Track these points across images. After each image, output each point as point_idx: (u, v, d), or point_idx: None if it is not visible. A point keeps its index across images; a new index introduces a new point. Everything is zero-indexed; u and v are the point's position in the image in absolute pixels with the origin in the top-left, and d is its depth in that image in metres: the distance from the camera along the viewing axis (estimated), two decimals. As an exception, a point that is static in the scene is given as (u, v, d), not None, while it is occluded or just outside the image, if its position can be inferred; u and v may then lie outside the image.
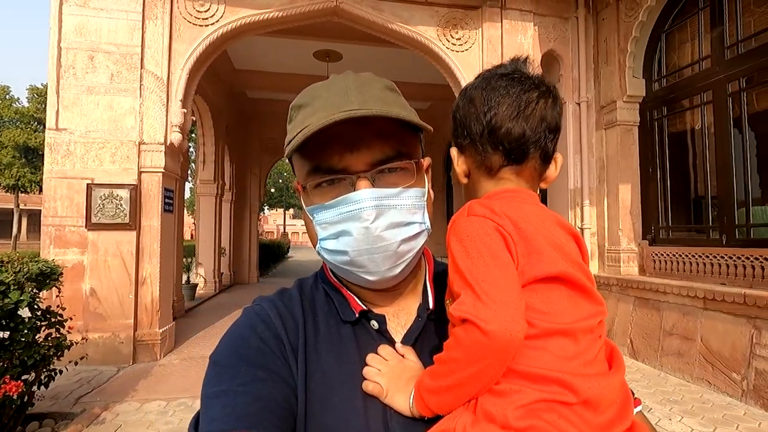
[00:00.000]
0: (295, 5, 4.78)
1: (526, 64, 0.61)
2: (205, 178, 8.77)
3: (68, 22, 4.25)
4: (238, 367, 0.53)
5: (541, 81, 0.60)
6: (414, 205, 0.57)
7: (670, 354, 4.08)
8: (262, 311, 0.61)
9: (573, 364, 0.49)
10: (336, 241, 0.57)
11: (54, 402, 3.25)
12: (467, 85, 0.64)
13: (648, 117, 4.99)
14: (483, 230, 0.52)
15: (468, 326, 0.48)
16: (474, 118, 0.59)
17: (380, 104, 0.55)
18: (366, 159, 0.55)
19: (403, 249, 0.56)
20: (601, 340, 0.54)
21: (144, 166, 4.33)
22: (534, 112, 0.57)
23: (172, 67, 4.48)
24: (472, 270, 0.50)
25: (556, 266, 0.51)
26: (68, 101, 4.21)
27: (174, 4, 4.50)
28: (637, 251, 5.00)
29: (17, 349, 2.48)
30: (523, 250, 0.51)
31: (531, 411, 0.47)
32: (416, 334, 0.61)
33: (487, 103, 0.58)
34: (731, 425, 2.98)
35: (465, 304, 0.49)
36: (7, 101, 25.17)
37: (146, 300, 4.30)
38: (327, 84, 0.59)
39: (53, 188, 4.15)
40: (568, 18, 5.43)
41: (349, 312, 0.61)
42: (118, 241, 4.22)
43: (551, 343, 0.50)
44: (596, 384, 0.48)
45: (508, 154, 0.58)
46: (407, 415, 0.54)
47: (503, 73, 0.60)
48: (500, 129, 0.57)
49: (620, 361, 0.54)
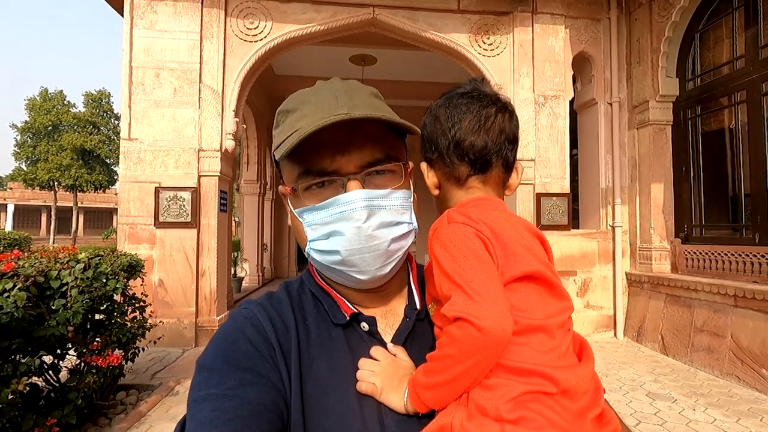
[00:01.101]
0: (336, 18, 5.13)
1: (484, 84, 0.67)
2: (248, 178, 9.36)
3: (137, 44, 4.79)
4: (226, 371, 0.54)
5: (497, 98, 0.66)
6: (402, 206, 0.60)
7: (701, 350, 4.17)
8: (251, 315, 0.61)
9: (550, 357, 0.53)
10: (327, 242, 0.58)
11: (135, 376, 3.78)
12: (431, 104, 0.69)
13: (681, 116, 5.02)
14: (465, 235, 0.56)
15: (462, 324, 0.51)
16: (440, 133, 0.64)
17: (369, 109, 0.56)
18: (356, 161, 0.57)
19: (393, 248, 0.58)
20: (570, 333, 0.57)
21: (203, 171, 4.83)
22: (493, 125, 0.63)
23: (226, 81, 4.95)
24: (459, 272, 0.53)
25: (530, 265, 0.55)
26: (138, 114, 4.76)
27: (227, 24, 4.96)
28: (669, 249, 5.05)
29: (114, 328, 2.97)
30: (501, 253, 0.55)
31: (519, 403, 0.50)
32: (405, 334, 0.62)
33: (451, 119, 0.63)
34: (756, 417, 3.10)
35: (457, 303, 0.52)
36: (65, 106, 27.16)
37: (206, 290, 4.82)
38: (314, 90, 0.61)
39: (127, 191, 4.72)
40: (599, 19, 5.50)
41: (340, 315, 0.62)
42: (182, 237, 4.75)
43: (531, 339, 0.53)
44: (572, 374, 0.52)
45: (473, 165, 0.63)
46: (402, 412, 0.56)
47: (463, 92, 0.65)
48: (464, 142, 0.62)
49: (590, 352, 0.59)
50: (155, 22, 4.82)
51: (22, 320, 2.23)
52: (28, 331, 2.34)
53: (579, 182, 5.94)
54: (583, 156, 5.88)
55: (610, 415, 0.57)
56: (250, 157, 9.27)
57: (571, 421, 0.50)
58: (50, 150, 25.63)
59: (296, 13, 5.06)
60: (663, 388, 3.67)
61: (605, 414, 0.56)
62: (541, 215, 5.16)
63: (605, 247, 5.39)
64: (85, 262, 2.75)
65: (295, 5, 5.06)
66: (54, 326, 2.44)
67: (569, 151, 5.37)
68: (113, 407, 3.13)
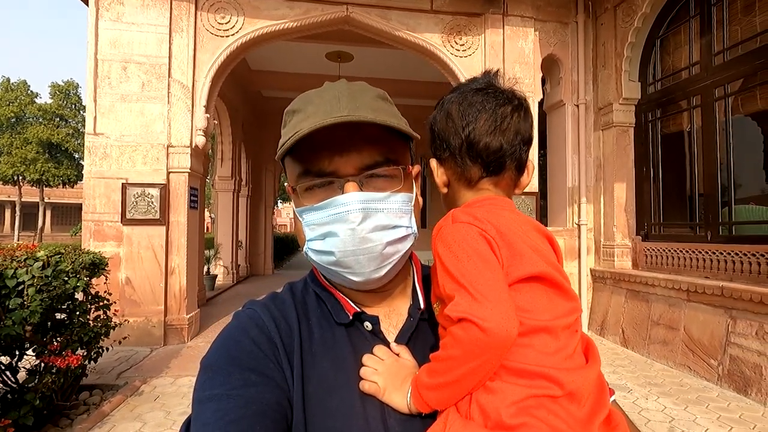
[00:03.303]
0: (309, 16, 5.12)
1: (498, 78, 0.64)
2: (223, 174, 9.23)
3: (103, 36, 4.66)
4: (230, 371, 0.54)
5: (513, 95, 0.63)
6: (400, 210, 0.59)
7: (657, 342, 4.38)
8: (255, 315, 0.61)
9: (555, 359, 0.51)
10: (323, 242, 0.58)
11: (99, 376, 3.71)
12: (443, 98, 0.66)
13: (643, 119, 5.23)
14: (469, 235, 0.54)
15: (466, 325, 0.50)
16: (453, 132, 0.61)
17: (371, 112, 0.56)
18: (355, 163, 0.57)
19: (388, 251, 0.58)
20: (577, 335, 0.56)
21: (172, 167, 4.75)
22: (509, 125, 0.60)
23: (197, 76, 4.88)
24: (463, 272, 0.52)
25: (537, 266, 0.54)
26: (104, 108, 4.64)
27: (198, 18, 4.88)
28: (630, 246, 5.27)
29: (75, 327, 2.92)
30: (506, 253, 0.54)
31: (523, 409, 0.48)
32: (409, 334, 0.62)
33: (465, 118, 0.61)
34: (702, 405, 3.29)
35: (461, 304, 0.51)
36: (29, 96, 26.05)
37: (175, 288, 4.75)
38: (320, 91, 0.60)
39: (92, 187, 4.60)
40: (568, 23, 5.66)
41: (343, 314, 0.62)
42: (150, 235, 4.66)
43: (536, 340, 0.52)
44: (578, 377, 0.51)
45: (486, 167, 0.61)
46: (405, 412, 0.56)
47: (478, 88, 0.62)
48: (479, 143, 0.60)
49: (596, 354, 0.57)
50: (122, 14, 4.70)
51: (-26, 320, 2.17)
52: (-19, 331, 2.28)
53: (547, 181, 6.12)
54: (551, 155, 6.06)
55: (618, 419, 0.55)
56: (224, 153, 9.13)
57: (576, 428, 0.48)
58: (14, 143, 24.58)
59: (269, 8, 5.02)
60: (620, 379, 3.85)
61: (612, 417, 0.54)
62: (511, 213, 5.28)
63: (571, 244, 5.58)
64: (44, 260, 2.69)
65: (268, 1, 5.01)
66: (10, 326, 2.39)
67: (538, 150, 5.52)
68: (75, 408, 3.08)
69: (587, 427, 0.50)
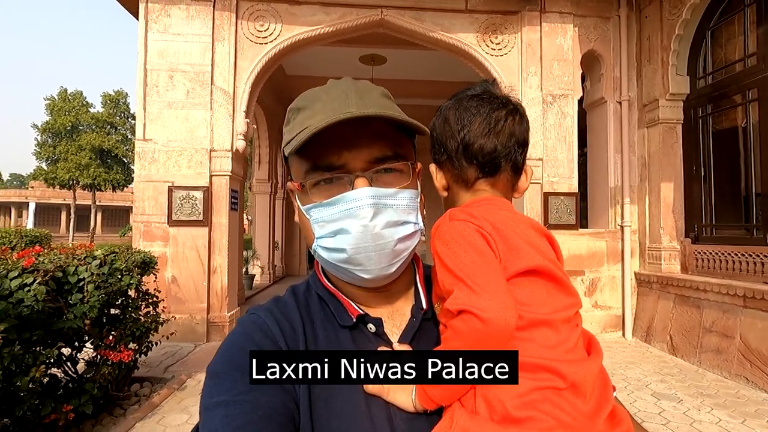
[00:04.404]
0: (345, 20, 5.20)
1: (495, 86, 0.67)
2: (260, 177, 9.51)
3: (152, 47, 4.93)
4: (236, 376, 0.54)
5: (508, 100, 0.65)
6: (409, 206, 0.59)
7: (709, 351, 4.13)
8: (258, 320, 0.61)
9: (557, 351, 0.52)
10: (333, 239, 0.58)
11: (149, 369, 3.91)
12: (441, 106, 0.68)
13: (692, 115, 4.96)
14: (466, 231, 0.56)
15: (465, 316, 0.51)
16: (450, 136, 0.64)
17: (379, 108, 0.56)
18: (364, 158, 0.57)
19: (399, 248, 0.58)
20: (578, 329, 0.57)
21: (214, 170, 4.94)
22: (504, 128, 0.62)
23: (237, 82, 5.06)
24: (461, 267, 0.53)
25: (534, 260, 0.55)
26: (152, 115, 4.90)
27: (238, 26, 5.07)
28: (679, 249, 5.00)
29: (128, 323, 3.09)
30: (503, 248, 0.55)
31: (529, 402, 0.49)
32: (412, 334, 0.62)
33: (461, 121, 0.63)
34: (762, 418, 3.07)
35: (460, 297, 0.52)
36: (84, 107, 27.81)
37: (217, 287, 4.94)
38: (326, 88, 0.61)
39: (142, 190, 4.86)
40: (609, 18, 5.46)
41: (347, 317, 0.62)
42: (194, 235, 4.87)
43: (536, 334, 0.52)
44: (579, 368, 0.51)
45: (482, 168, 0.63)
46: (410, 410, 0.56)
47: (473, 95, 0.65)
48: (474, 145, 0.62)
49: (598, 348, 0.58)
50: (169, 26, 4.95)
51: (41, 313, 2.34)
52: (47, 323, 2.46)
53: (588, 181, 5.91)
54: (592, 155, 5.85)
55: (622, 414, 0.55)
56: (261, 157, 9.41)
57: (582, 422, 0.49)
58: (70, 150, 26.29)
59: (305, 15, 5.14)
60: (669, 388, 3.66)
61: (617, 412, 0.55)
62: (549, 214, 5.15)
63: (614, 246, 5.36)
64: (101, 259, 2.87)
65: (304, 7, 5.14)
66: (71, 319, 2.56)
67: (578, 150, 5.35)
68: (128, 398, 3.26)
69: (593, 420, 0.50)
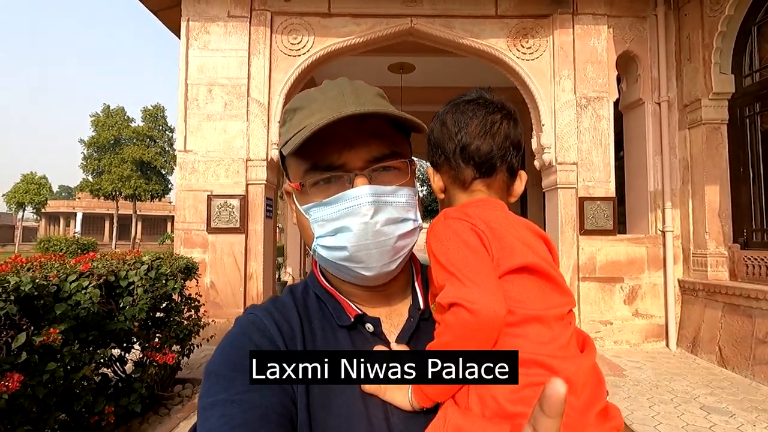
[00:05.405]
0: (375, 30, 5.29)
1: (489, 92, 0.69)
2: (292, 186, 9.71)
3: (192, 63, 5.17)
4: (233, 376, 0.53)
5: (503, 105, 0.67)
6: (408, 203, 0.60)
7: (764, 363, 3.89)
8: (256, 319, 0.61)
9: (549, 347, 0.53)
10: (334, 238, 0.58)
11: (190, 371, 4.05)
12: (439, 111, 0.70)
13: (738, 114, 4.74)
14: (460, 229, 0.58)
15: (456, 309, 0.52)
16: (447, 137, 0.66)
17: (375, 107, 0.57)
18: (364, 156, 0.57)
19: (399, 244, 0.59)
20: (571, 327, 0.58)
21: (250, 179, 5.11)
22: (499, 130, 0.64)
23: (272, 94, 5.23)
24: (453, 262, 0.55)
25: (527, 257, 0.56)
26: (193, 127, 5.13)
27: (273, 40, 5.25)
28: (727, 255, 4.76)
29: (172, 325, 3.23)
30: (497, 246, 0.56)
31: (521, 398, 0.49)
32: (409, 334, 0.62)
33: (458, 124, 0.65)
34: (826, 436, 2.87)
35: (450, 290, 0.53)
36: (126, 121, 29.37)
37: (253, 292, 5.07)
38: (322, 89, 0.61)
39: (183, 199, 5.08)
40: (645, 17, 5.31)
41: (345, 317, 0.62)
42: (231, 242, 5.04)
43: (529, 330, 0.53)
44: (571, 364, 0.52)
45: (478, 168, 0.64)
46: (407, 409, 0.56)
47: (469, 99, 0.68)
48: (470, 146, 0.64)
49: (592, 346, 0.59)
50: (208, 42, 5.18)
51: (96, 315, 2.49)
52: (101, 325, 2.61)
53: (625, 185, 5.73)
54: (630, 158, 5.67)
55: (615, 412, 0.56)
56: (293, 166, 9.62)
57: (572, 416, 0.49)
58: (113, 162, 27.78)
59: (337, 26, 5.27)
60: (720, 402, 3.47)
61: (609, 410, 0.55)
62: (585, 220, 5.02)
63: (655, 252, 5.15)
64: (149, 264, 3.02)
65: (335, 19, 5.27)
66: (122, 321, 2.71)
67: (615, 153, 5.20)
68: (171, 398, 3.39)
69: (584, 415, 0.51)
